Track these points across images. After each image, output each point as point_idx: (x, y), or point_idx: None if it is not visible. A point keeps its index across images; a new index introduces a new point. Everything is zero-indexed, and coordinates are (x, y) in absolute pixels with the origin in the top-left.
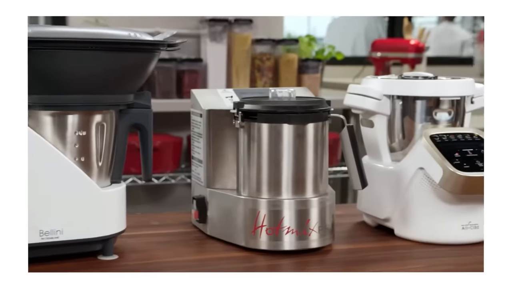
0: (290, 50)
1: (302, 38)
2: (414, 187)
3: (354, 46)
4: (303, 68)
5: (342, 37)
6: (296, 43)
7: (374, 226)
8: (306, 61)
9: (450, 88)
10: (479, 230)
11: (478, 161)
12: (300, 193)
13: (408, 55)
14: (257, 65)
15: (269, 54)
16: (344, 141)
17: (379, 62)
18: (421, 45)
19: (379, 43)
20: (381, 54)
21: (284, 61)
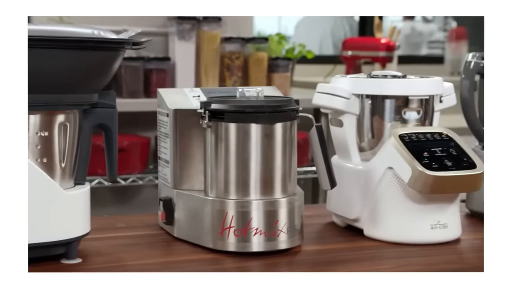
0: (260, 48)
1: (272, 36)
2: (383, 187)
3: (321, 45)
4: (273, 67)
5: (309, 36)
6: (266, 41)
7: (343, 226)
8: (276, 60)
9: (418, 87)
10: (448, 229)
11: (446, 161)
12: (268, 194)
13: (379, 54)
14: (226, 64)
15: (239, 52)
16: (313, 140)
17: (350, 60)
18: (392, 43)
19: (350, 41)
20: (352, 53)
21: (254, 60)
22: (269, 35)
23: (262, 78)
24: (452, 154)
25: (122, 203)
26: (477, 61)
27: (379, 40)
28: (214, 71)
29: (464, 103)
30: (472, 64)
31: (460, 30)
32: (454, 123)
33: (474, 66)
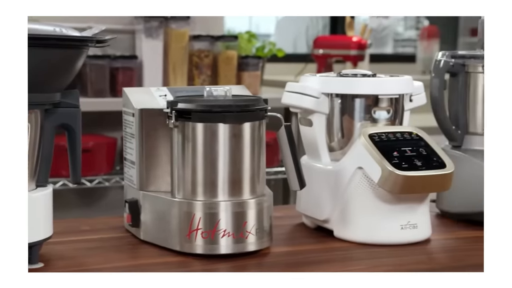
0: (230, 47)
1: (242, 34)
2: (353, 187)
3: (295, 43)
4: (243, 66)
5: (285, 34)
6: (235, 39)
7: (313, 227)
8: (246, 58)
9: (388, 86)
10: (418, 230)
11: (416, 160)
12: (236, 195)
13: (351, 52)
14: (195, 63)
15: (208, 51)
16: (282, 140)
17: (321, 59)
18: (364, 42)
19: (321, 40)
20: (323, 51)
21: (223, 58)
22: (239, 33)
23: (231, 77)
24: (422, 153)
25: (87, 205)
26: (447, 59)
27: (350, 38)
28: (183, 69)
29: (434, 102)
30: (442, 63)
31: (431, 28)
32: (424, 122)
33: (444, 65)
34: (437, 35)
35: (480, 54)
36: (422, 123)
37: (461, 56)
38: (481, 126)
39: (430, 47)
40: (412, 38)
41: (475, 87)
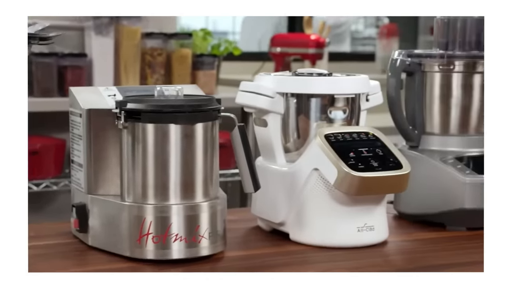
0: (184, 45)
1: (197, 32)
2: (309, 189)
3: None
4: (198, 64)
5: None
6: (190, 37)
7: (269, 230)
8: (201, 57)
9: (344, 86)
10: (375, 232)
11: (373, 161)
12: (189, 198)
13: (309, 51)
14: (147, 61)
15: (161, 49)
16: (235, 141)
17: (279, 58)
18: (322, 40)
19: (279, 38)
20: (281, 50)
21: (177, 57)
22: (194, 31)
23: (186, 76)
24: (379, 154)
25: (35, 210)
26: (403, 58)
27: (308, 36)
28: (135, 68)
29: (391, 101)
30: (398, 62)
31: (391, 27)
32: (381, 122)
33: (400, 64)
34: (397, 33)
35: (436, 53)
36: (379, 123)
37: (417, 55)
38: (437, 126)
39: (390, 45)
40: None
41: (431, 86)
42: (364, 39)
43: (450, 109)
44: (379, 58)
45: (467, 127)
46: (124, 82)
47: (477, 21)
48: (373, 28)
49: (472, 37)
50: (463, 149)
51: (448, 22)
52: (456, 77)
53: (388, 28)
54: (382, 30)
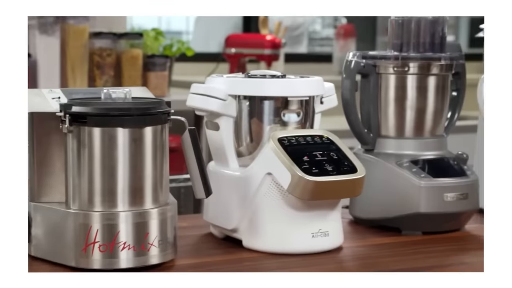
0: (134, 45)
1: (148, 32)
2: (262, 194)
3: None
4: (149, 65)
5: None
6: (140, 37)
7: (221, 237)
8: (152, 58)
9: (298, 88)
10: (330, 237)
11: (327, 165)
12: (137, 204)
13: (264, 52)
14: (96, 62)
15: (110, 49)
16: (186, 145)
17: (233, 59)
18: (278, 40)
19: (234, 38)
20: (235, 50)
21: (127, 58)
22: (145, 30)
23: (136, 78)
24: (333, 158)
25: None
26: (358, 60)
27: (264, 37)
28: (82, 69)
29: (346, 104)
30: (352, 64)
31: (348, 27)
32: (335, 125)
33: (354, 66)
34: (354, 34)
35: (390, 55)
36: (333, 126)
37: (372, 56)
38: (393, 128)
39: (347, 46)
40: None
41: (386, 88)
42: (322, 40)
43: (405, 111)
44: (336, 59)
45: (422, 130)
46: (71, 84)
47: (431, 22)
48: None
49: (426, 39)
50: (418, 152)
51: (403, 23)
52: (411, 79)
53: (345, 29)
54: (339, 30)
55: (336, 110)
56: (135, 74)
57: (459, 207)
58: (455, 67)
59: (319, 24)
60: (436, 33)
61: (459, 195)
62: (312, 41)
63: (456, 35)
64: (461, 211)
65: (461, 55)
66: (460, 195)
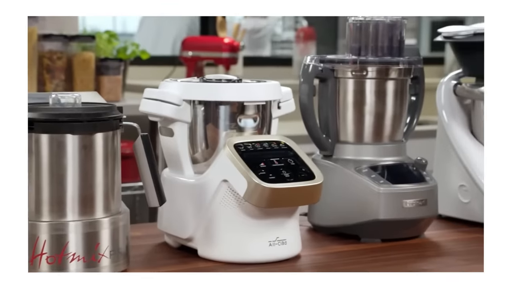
0: (86, 48)
1: (101, 34)
2: (218, 201)
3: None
4: (102, 69)
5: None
6: (93, 40)
7: (176, 247)
8: (105, 61)
9: (254, 92)
10: (287, 246)
11: (284, 172)
12: (87, 214)
13: (222, 55)
14: (46, 65)
15: (61, 52)
16: (138, 152)
17: (191, 62)
18: (236, 43)
19: (190, 41)
20: (192, 54)
21: (79, 61)
22: (97, 33)
23: (89, 82)
24: (290, 164)
25: None
26: (316, 64)
27: (222, 39)
28: (31, 73)
29: (304, 109)
30: (310, 68)
31: (308, 30)
32: (293, 130)
33: (312, 70)
34: (314, 37)
35: (349, 59)
36: (291, 131)
37: (330, 60)
38: (352, 134)
39: (307, 49)
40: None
41: (345, 93)
42: (283, 43)
43: (364, 116)
44: (296, 62)
45: (381, 135)
46: None
47: (389, 25)
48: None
49: (384, 42)
50: (377, 158)
51: (361, 26)
52: (369, 84)
53: (305, 32)
54: (299, 33)
55: (294, 115)
56: (87, 78)
57: (418, 213)
58: (414, 71)
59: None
60: (394, 37)
61: (418, 201)
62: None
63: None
64: (420, 217)
65: (420, 59)
66: (419, 201)
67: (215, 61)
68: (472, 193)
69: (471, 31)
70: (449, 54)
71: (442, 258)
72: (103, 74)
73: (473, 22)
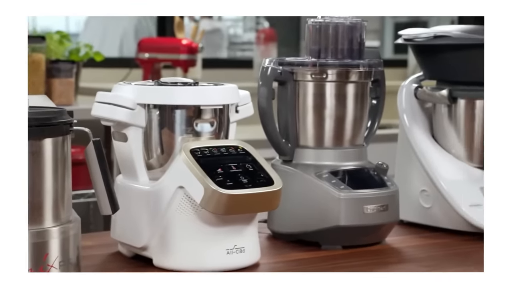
0: (36, 49)
1: (52, 34)
2: (174, 209)
3: (121, 46)
4: (53, 71)
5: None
6: (43, 40)
7: (130, 256)
8: (56, 63)
9: (211, 96)
10: (245, 254)
11: (242, 177)
12: (36, 223)
13: (180, 57)
14: None
15: None
16: (90, 158)
17: (147, 64)
18: (195, 45)
19: (147, 42)
20: (149, 55)
21: (29, 63)
22: (48, 33)
23: (39, 85)
24: (248, 170)
25: None
26: (275, 67)
27: (180, 41)
28: None
29: (262, 113)
30: (269, 70)
31: (269, 31)
32: (252, 135)
33: (271, 73)
34: (275, 38)
35: (308, 62)
36: (250, 135)
37: (289, 63)
38: (312, 138)
39: (268, 51)
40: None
41: (304, 96)
42: (243, 44)
43: (324, 120)
44: (257, 65)
45: (341, 140)
46: None
47: (349, 27)
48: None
49: (344, 45)
50: (338, 163)
51: (320, 28)
52: (329, 87)
53: (266, 33)
54: (260, 34)
55: (253, 119)
56: (38, 81)
57: (379, 219)
58: (374, 74)
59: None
60: (355, 39)
61: (379, 206)
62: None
63: (381, 40)
64: (381, 223)
65: (380, 62)
66: (380, 207)
67: (172, 63)
68: (433, 198)
69: (432, 33)
70: (412, 57)
71: (403, 265)
72: (55, 77)
73: (436, 24)
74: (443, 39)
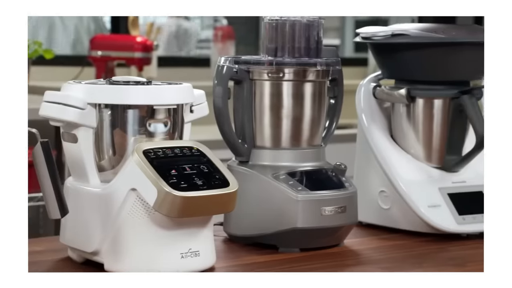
0: None
1: None
2: (126, 212)
3: (75, 43)
4: None
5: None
6: None
7: (81, 262)
8: None
9: (165, 95)
10: (200, 257)
11: (197, 179)
12: None
13: (135, 55)
14: None
15: None
16: (38, 160)
17: (100, 62)
18: (150, 43)
19: (100, 39)
20: (102, 53)
21: None
22: None
23: None
24: (203, 171)
25: None
26: (230, 65)
27: (134, 38)
28: None
29: (218, 113)
30: (224, 69)
31: (227, 29)
32: (207, 135)
33: (226, 71)
34: (233, 36)
35: (264, 60)
36: (205, 136)
37: (245, 61)
38: (268, 139)
39: (226, 49)
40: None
41: (261, 96)
42: (201, 42)
43: (281, 120)
44: (214, 63)
45: (299, 140)
46: None
47: (306, 25)
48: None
49: (301, 43)
50: (295, 164)
51: (277, 26)
52: (286, 86)
53: (224, 31)
54: (217, 32)
55: (208, 119)
56: None
57: (337, 221)
58: (332, 73)
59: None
60: (312, 37)
61: (337, 208)
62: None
63: (341, 38)
64: (339, 225)
65: (338, 61)
66: (338, 209)
67: (126, 62)
68: (392, 199)
69: (389, 32)
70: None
71: (362, 267)
72: None
73: (396, 22)
74: (401, 38)
